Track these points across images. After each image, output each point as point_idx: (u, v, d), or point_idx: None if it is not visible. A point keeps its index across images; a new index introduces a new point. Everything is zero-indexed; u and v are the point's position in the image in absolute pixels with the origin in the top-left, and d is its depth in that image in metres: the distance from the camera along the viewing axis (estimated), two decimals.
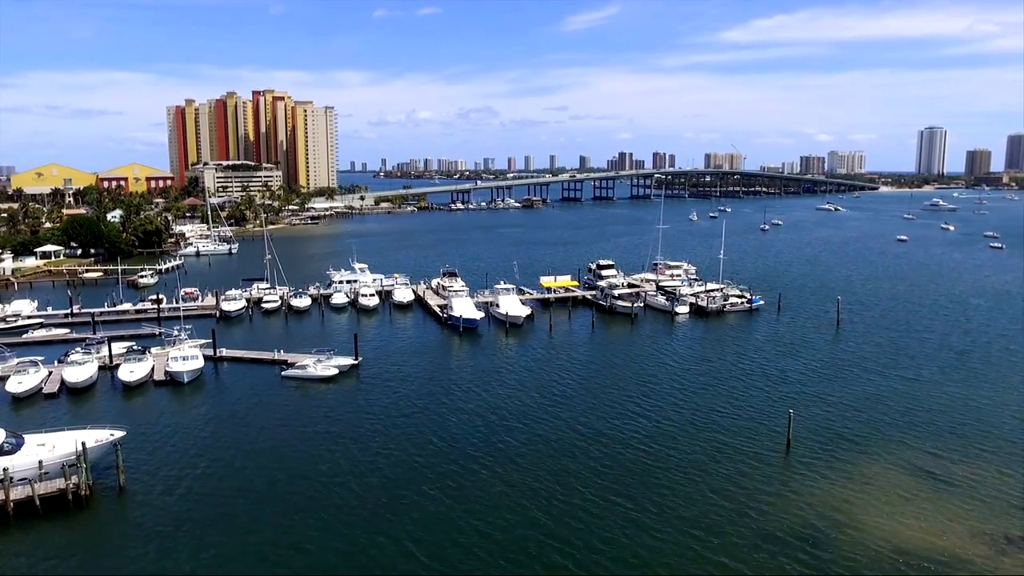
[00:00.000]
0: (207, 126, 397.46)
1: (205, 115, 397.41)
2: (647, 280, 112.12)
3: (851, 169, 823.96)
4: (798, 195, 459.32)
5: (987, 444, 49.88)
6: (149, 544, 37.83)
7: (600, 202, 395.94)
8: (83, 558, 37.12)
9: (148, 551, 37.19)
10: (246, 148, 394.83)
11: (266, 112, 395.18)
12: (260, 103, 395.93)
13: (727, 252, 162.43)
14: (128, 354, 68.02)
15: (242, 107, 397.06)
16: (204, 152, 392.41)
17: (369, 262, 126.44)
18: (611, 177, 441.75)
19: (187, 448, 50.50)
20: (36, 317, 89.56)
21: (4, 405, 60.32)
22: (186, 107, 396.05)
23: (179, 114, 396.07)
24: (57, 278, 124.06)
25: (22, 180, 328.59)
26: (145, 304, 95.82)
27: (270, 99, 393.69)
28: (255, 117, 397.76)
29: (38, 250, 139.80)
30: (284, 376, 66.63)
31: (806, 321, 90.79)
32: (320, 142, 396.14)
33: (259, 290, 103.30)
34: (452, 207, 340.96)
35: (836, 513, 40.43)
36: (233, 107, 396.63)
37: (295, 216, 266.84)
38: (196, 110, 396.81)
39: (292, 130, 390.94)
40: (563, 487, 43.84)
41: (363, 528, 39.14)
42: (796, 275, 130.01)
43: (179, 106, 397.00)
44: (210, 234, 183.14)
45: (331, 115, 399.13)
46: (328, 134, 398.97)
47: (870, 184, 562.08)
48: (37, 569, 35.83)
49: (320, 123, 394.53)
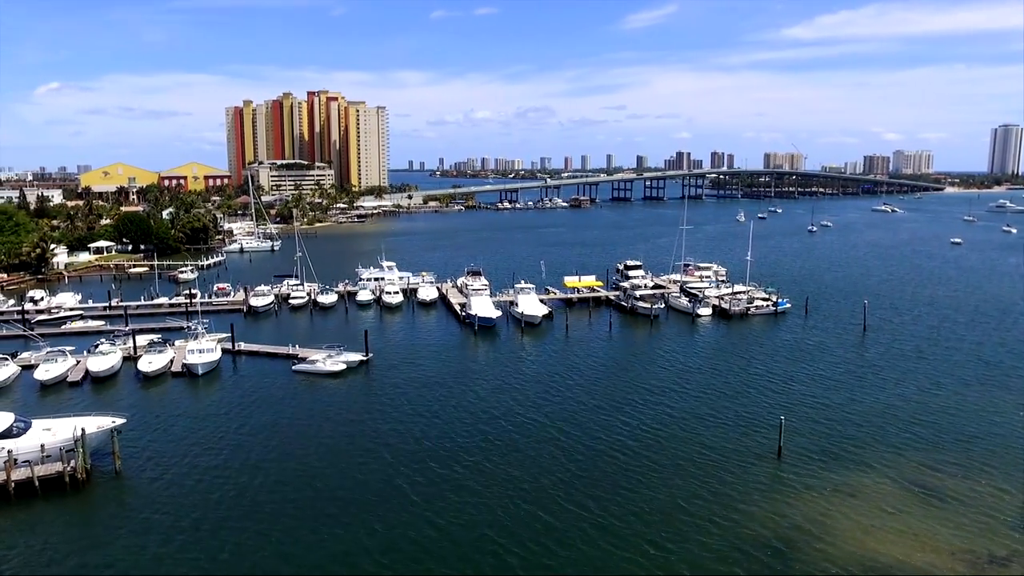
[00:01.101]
0: (264, 126, 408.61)
1: (262, 115, 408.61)
2: (674, 281, 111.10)
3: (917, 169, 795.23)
4: (856, 196, 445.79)
5: (991, 461, 47.70)
6: (134, 524, 39.87)
7: (650, 202, 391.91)
8: (72, 535, 39.28)
9: (132, 531, 39.19)
10: (301, 147, 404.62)
11: (320, 112, 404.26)
12: (315, 103, 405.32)
13: (767, 254, 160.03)
14: (149, 346, 70.97)
15: (297, 107, 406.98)
16: (260, 151, 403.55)
17: (404, 260, 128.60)
18: (660, 177, 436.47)
19: (187, 436, 52.53)
20: (77, 309, 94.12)
21: (32, 391, 63.85)
22: (244, 108, 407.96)
23: (237, 115, 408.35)
24: (105, 272, 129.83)
25: (90, 179, 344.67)
26: (179, 299, 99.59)
27: (324, 99, 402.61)
28: (310, 117, 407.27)
29: (92, 246, 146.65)
30: (295, 370, 68.54)
31: (832, 326, 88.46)
32: (372, 141, 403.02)
33: (289, 286, 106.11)
34: (499, 206, 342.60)
35: (813, 525, 39.43)
36: (289, 107, 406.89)
37: (342, 214, 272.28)
38: (253, 111, 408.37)
39: (345, 130, 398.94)
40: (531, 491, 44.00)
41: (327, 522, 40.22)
42: (834, 278, 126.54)
43: (237, 107, 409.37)
44: (254, 231, 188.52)
45: (382, 115, 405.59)
46: (380, 133, 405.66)
47: (934, 185, 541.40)
48: (31, 543, 38.06)
49: (372, 123, 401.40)
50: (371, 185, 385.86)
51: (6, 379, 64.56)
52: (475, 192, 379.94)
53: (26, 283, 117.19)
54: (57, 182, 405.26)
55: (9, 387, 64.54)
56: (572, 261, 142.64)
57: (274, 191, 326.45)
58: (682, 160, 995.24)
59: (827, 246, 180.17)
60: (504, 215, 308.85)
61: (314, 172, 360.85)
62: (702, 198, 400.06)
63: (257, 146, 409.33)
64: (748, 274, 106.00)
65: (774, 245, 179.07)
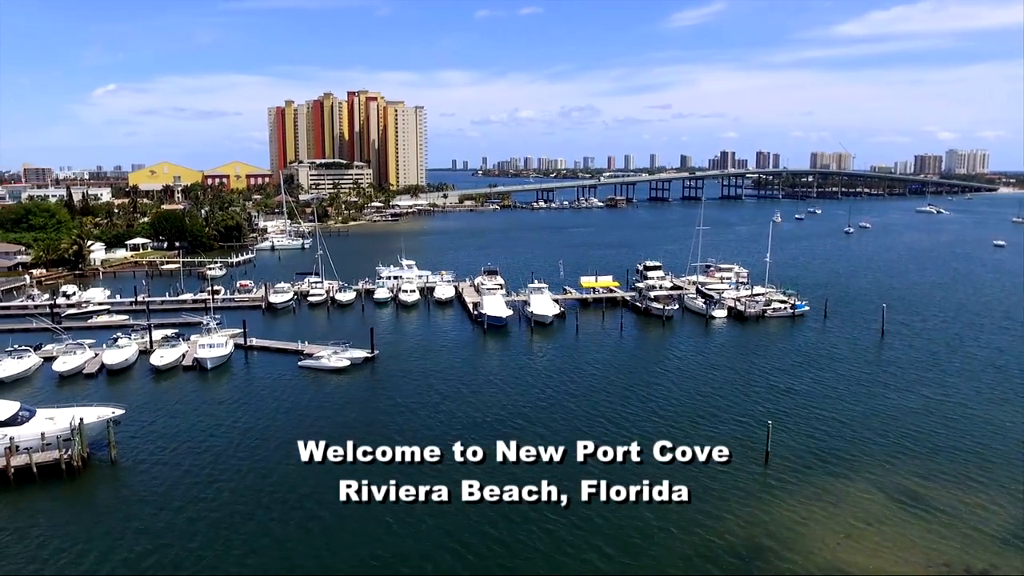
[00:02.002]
0: (305, 126, 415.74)
1: (303, 116, 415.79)
2: (693, 282, 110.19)
3: (971, 169, 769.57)
4: (903, 197, 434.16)
5: (986, 474, 46.16)
6: (122, 509, 41.94)
7: (688, 202, 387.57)
8: (61, 518, 41.22)
9: (119, 514, 41.29)
10: (341, 147, 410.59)
11: (360, 112, 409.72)
12: (354, 103, 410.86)
13: (796, 256, 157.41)
14: (163, 340, 73.29)
15: (338, 107, 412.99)
16: (301, 151, 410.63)
17: (428, 259, 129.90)
18: (698, 177, 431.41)
19: (187, 427, 54.23)
20: (104, 304, 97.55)
21: (51, 382, 66.64)
22: (285, 108, 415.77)
23: (279, 114, 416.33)
24: (139, 269, 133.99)
25: (138, 177, 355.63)
26: (203, 295, 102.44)
27: (364, 99, 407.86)
28: (350, 117, 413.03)
29: (128, 242, 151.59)
30: (300, 366, 70.07)
31: (850, 330, 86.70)
32: (410, 141, 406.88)
33: (309, 284, 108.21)
34: (534, 206, 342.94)
35: (788, 531, 38.95)
36: (329, 107, 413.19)
37: (377, 213, 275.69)
38: (295, 111, 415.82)
39: (383, 129, 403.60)
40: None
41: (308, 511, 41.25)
42: (861, 281, 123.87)
43: (279, 107, 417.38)
44: (286, 229, 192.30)
45: (420, 114, 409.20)
46: (418, 133, 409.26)
47: (987, 185, 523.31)
48: (20, 524, 40.14)
49: (410, 122, 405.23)
50: (409, 184, 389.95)
51: (27, 370, 67.39)
52: (511, 191, 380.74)
53: (63, 278, 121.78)
54: (109, 181, 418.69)
55: (30, 378, 67.37)
56: (595, 261, 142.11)
57: (313, 190, 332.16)
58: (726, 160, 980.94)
59: (861, 248, 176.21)
60: (539, 215, 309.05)
61: (352, 171, 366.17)
62: (741, 198, 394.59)
63: (298, 145, 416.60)
64: (767, 276, 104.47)
65: (806, 247, 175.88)
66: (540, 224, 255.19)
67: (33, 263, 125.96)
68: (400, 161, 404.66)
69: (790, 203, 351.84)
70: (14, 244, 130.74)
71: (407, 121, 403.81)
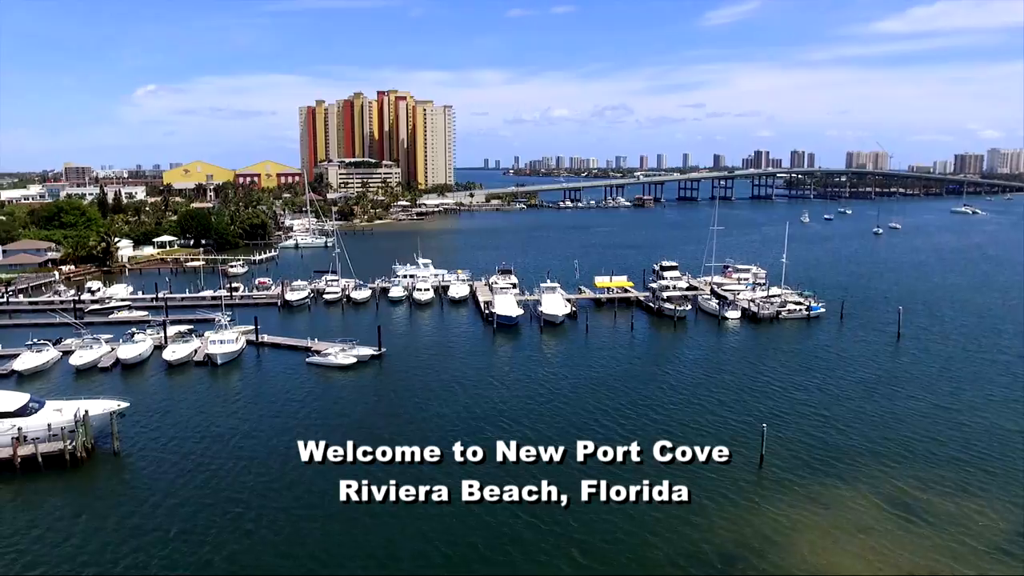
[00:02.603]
0: (335, 125, 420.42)
1: (334, 115, 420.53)
2: (708, 283, 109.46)
3: (1014, 168, 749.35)
4: (940, 197, 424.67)
5: (990, 484, 44.91)
6: (123, 499, 43.38)
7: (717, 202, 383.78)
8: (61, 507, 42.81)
9: (119, 504, 42.69)
10: (371, 146, 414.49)
11: (389, 112, 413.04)
12: (384, 103, 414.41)
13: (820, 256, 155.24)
14: (176, 336, 74.99)
15: (368, 107, 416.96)
16: (332, 150, 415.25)
17: (448, 258, 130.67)
18: (727, 177, 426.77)
19: (191, 421, 55.52)
20: (127, 300, 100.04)
21: (68, 375, 68.64)
22: (316, 108, 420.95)
23: (310, 114, 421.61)
24: (164, 266, 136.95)
25: (172, 176, 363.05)
26: (222, 292, 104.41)
27: (393, 99, 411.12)
28: (379, 116, 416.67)
29: (156, 240, 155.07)
30: (308, 362, 71.22)
31: (865, 333, 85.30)
32: (439, 140, 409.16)
33: (326, 282, 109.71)
34: (560, 205, 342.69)
35: (773, 535, 38.45)
36: (359, 107, 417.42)
37: (403, 212, 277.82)
38: (325, 110, 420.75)
39: (412, 128, 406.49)
40: None
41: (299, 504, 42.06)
42: (884, 283, 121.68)
43: (310, 107, 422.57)
44: (310, 228, 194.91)
45: (449, 114, 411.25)
46: (446, 132, 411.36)
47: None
48: (24, 514, 41.54)
49: (439, 121, 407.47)
50: (437, 183, 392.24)
51: (45, 363, 69.53)
52: (537, 191, 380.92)
53: (91, 274, 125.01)
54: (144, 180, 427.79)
55: (48, 371, 69.49)
56: (613, 261, 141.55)
57: (342, 188, 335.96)
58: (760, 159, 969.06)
59: (888, 249, 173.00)
60: (564, 214, 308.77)
61: (381, 170, 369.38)
62: (772, 198, 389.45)
63: (329, 144, 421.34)
64: (783, 277, 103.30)
65: (831, 248, 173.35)
66: (564, 224, 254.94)
67: (62, 260, 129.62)
68: (428, 160, 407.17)
69: (821, 203, 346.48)
70: (45, 241, 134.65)
71: (435, 120, 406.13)
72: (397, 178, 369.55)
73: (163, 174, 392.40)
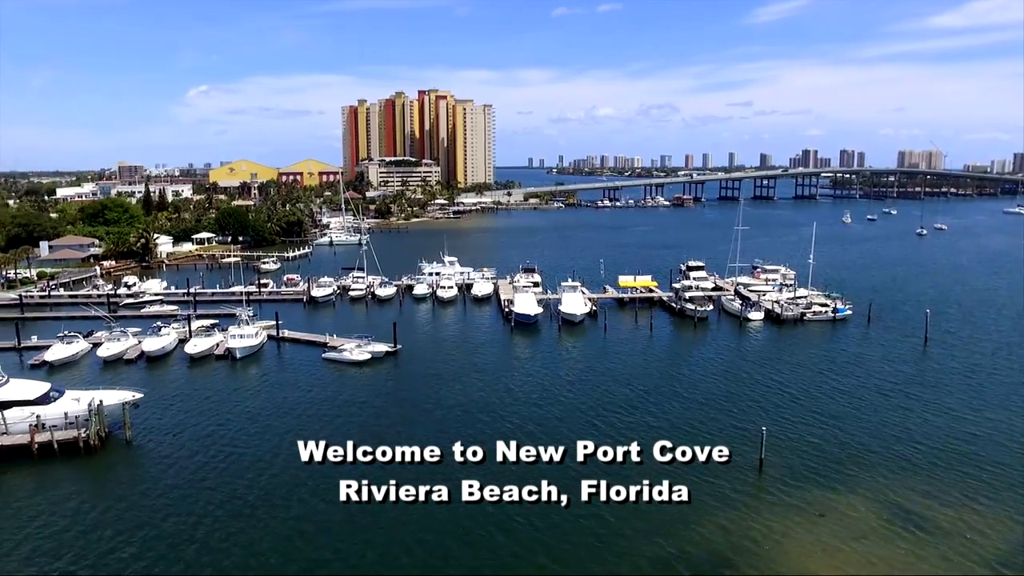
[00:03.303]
0: (377, 124, 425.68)
1: (375, 114, 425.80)
2: (733, 283, 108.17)
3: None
4: (994, 197, 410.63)
5: (996, 498, 43.07)
6: (132, 484, 45.36)
7: (759, 202, 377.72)
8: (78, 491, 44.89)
9: (128, 489, 44.69)
10: (412, 145, 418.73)
11: (430, 111, 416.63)
12: (425, 102, 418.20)
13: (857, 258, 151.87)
14: (198, 330, 77.16)
15: (409, 106, 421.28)
16: (373, 149, 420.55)
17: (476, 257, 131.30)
18: (770, 176, 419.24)
19: (204, 413, 57.16)
20: (160, 295, 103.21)
21: (95, 367, 71.21)
22: (358, 107, 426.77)
23: (352, 113, 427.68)
24: (200, 262, 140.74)
25: (218, 175, 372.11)
26: (251, 288, 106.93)
27: (434, 98, 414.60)
28: (420, 115, 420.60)
29: (195, 236, 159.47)
30: (323, 358, 72.62)
31: (892, 337, 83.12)
32: (478, 139, 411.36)
33: (352, 279, 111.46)
34: (598, 204, 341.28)
35: (758, 545, 37.67)
36: (401, 106, 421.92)
37: (440, 210, 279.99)
38: (367, 110, 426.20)
39: (452, 127, 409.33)
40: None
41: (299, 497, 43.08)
42: (920, 285, 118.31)
43: (352, 106, 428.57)
44: (345, 226, 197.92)
45: (489, 113, 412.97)
46: (486, 131, 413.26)
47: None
48: (44, 495, 43.79)
49: (479, 120, 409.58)
50: (476, 182, 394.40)
51: (75, 354, 72.30)
52: (576, 190, 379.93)
53: (130, 270, 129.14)
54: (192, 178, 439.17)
55: (77, 362, 72.26)
56: (643, 261, 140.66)
57: (382, 187, 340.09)
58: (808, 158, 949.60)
59: (930, 251, 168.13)
60: (602, 213, 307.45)
61: (421, 169, 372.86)
62: (816, 198, 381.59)
63: (370, 143, 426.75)
64: (809, 278, 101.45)
65: (870, 249, 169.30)
66: (600, 223, 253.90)
67: (104, 255, 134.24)
68: (468, 159, 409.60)
69: (867, 203, 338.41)
70: (88, 237, 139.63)
71: (475, 119, 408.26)
72: (437, 177, 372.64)
73: (209, 172, 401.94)
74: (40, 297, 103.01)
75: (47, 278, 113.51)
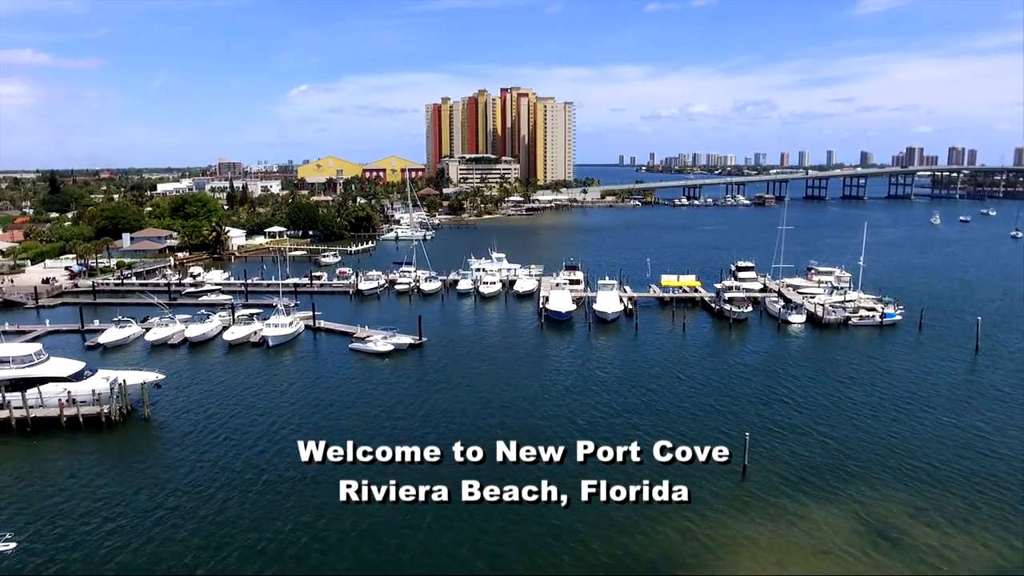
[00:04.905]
0: (460, 122, 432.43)
1: (458, 112, 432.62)
2: (780, 284, 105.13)
3: None
4: None
5: (992, 520, 40.50)
6: (144, 456, 49.44)
7: (847, 201, 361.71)
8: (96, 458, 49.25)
9: (138, 460, 48.72)
10: (493, 142, 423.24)
11: (511, 108, 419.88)
12: (507, 99, 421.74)
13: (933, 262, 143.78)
14: (240, 318, 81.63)
15: (491, 104, 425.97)
16: (456, 146, 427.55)
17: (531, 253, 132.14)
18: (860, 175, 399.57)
19: (224, 395, 60.90)
20: (219, 285, 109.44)
21: (143, 350, 76.76)
22: (442, 105, 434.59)
23: (436, 111, 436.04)
24: (266, 255, 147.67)
25: (305, 171, 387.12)
26: (303, 280, 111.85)
27: (515, 96, 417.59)
28: (502, 113, 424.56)
29: (267, 230, 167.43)
30: (350, 348, 75.53)
31: (940, 345, 78.78)
32: (558, 136, 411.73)
33: (399, 272, 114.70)
34: (676, 203, 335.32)
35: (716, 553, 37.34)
36: (483, 104, 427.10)
37: (514, 207, 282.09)
38: (451, 107, 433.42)
39: (533, 125, 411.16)
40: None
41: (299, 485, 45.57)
42: (992, 292, 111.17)
43: (436, 104, 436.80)
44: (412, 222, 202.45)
45: (569, 110, 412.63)
46: (566, 128, 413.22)
47: None
48: (71, 461, 48.49)
49: (559, 118, 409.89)
50: (556, 179, 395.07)
51: (126, 338, 78.00)
52: (655, 188, 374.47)
53: (202, 261, 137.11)
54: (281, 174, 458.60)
55: (128, 345, 77.91)
56: (694, 261, 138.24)
57: (462, 183, 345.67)
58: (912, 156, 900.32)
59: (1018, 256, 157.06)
60: (678, 212, 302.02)
61: (500, 166, 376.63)
62: (910, 198, 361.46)
63: (453, 140, 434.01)
64: (860, 281, 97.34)
65: (949, 252, 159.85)
66: (669, 222, 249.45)
67: (179, 247, 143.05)
68: (548, 156, 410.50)
69: (967, 204, 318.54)
70: (165, 230, 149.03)
71: (555, 117, 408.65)
72: (516, 174, 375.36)
73: (297, 169, 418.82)
74: (114, 285, 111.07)
75: (124, 267, 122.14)
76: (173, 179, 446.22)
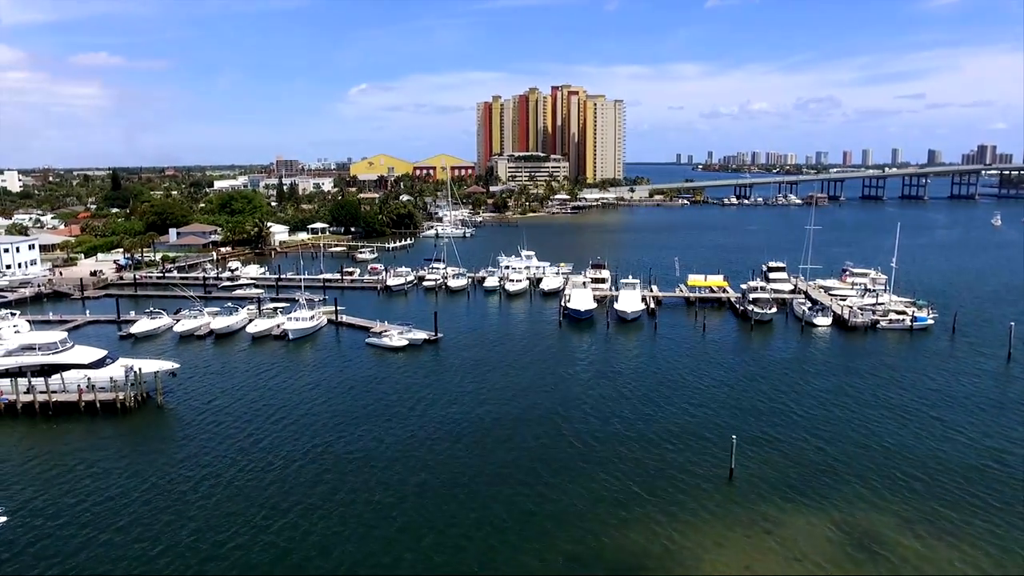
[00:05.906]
0: (510, 120, 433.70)
1: (509, 110, 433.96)
2: (813, 286, 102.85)
3: None
4: None
5: (981, 533, 39.10)
6: (152, 439, 52.26)
7: (906, 201, 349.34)
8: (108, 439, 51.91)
9: (146, 442, 51.58)
10: (543, 140, 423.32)
11: (562, 106, 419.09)
12: (557, 98, 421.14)
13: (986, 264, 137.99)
14: (261, 313, 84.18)
15: (541, 102, 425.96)
16: (507, 144, 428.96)
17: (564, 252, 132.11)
18: (919, 174, 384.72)
19: (236, 384, 63.20)
20: (254, 279, 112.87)
21: (172, 340, 79.86)
22: (492, 103, 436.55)
23: (486, 109, 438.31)
24: (307, 251, 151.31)
25: (358, 168, 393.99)
26: (335, 275, 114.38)
27: (566, 94, 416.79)
28: (552, 111, 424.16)
29: (310, 227, 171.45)
30: (366, 342, 77.16)
31: (971, 351, 75.65)
32: (608, 135, 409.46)
33: (428, 269, 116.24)
34: (725, 202, 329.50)
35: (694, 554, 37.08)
36: (534, 102, 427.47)
37: (558, 206, 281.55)
38: (501, 105, 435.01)
39: (583, 123, 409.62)
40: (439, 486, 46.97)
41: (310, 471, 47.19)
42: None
43: (487, 102, 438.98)
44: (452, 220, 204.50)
45: (619, 108, 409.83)
46: (616, 127, 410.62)
47: None
48: (88, 439, 51.50)
49: (609, 116, 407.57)
50: (606, 177, 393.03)
51: (156, 328, 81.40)
52: (704, 186, 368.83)
53: (244, 256, 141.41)
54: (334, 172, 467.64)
55: (158, 335, 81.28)
56: (727, 261, 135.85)
57: (511, 181, 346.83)
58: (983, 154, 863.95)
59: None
60: (726, 211, 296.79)
61: (548, 164, 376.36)
62: (974, 198, 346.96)
63: (504, 139, 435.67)
64: (891, 284, 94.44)
65: (1004, 256, 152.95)
66: (714, 222, 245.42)
67: (222, 242, 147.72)
68: (597, 154, 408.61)
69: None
70: (210, 225, 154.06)
71: (605, 115, 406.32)
72: (564, 172, 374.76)
73: (350, 166, 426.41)
74: (156, 278, 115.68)
75: (168, 261, 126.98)
76: (232, 176, 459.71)
